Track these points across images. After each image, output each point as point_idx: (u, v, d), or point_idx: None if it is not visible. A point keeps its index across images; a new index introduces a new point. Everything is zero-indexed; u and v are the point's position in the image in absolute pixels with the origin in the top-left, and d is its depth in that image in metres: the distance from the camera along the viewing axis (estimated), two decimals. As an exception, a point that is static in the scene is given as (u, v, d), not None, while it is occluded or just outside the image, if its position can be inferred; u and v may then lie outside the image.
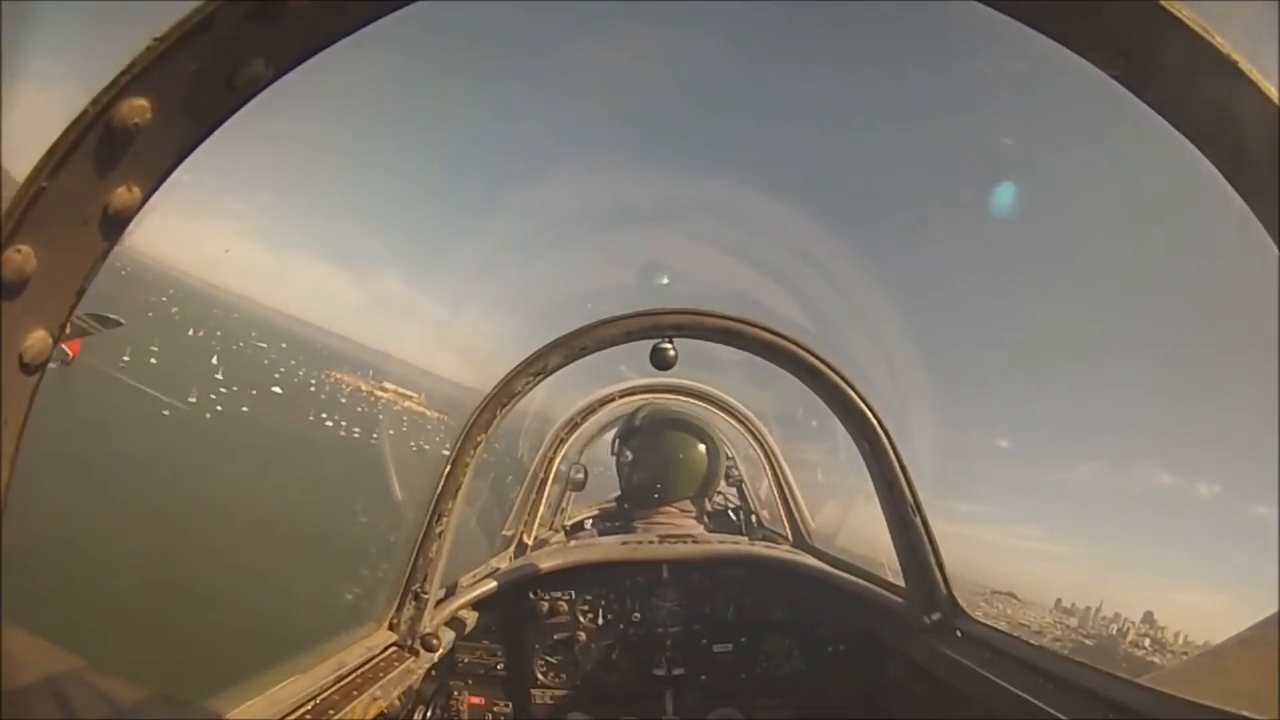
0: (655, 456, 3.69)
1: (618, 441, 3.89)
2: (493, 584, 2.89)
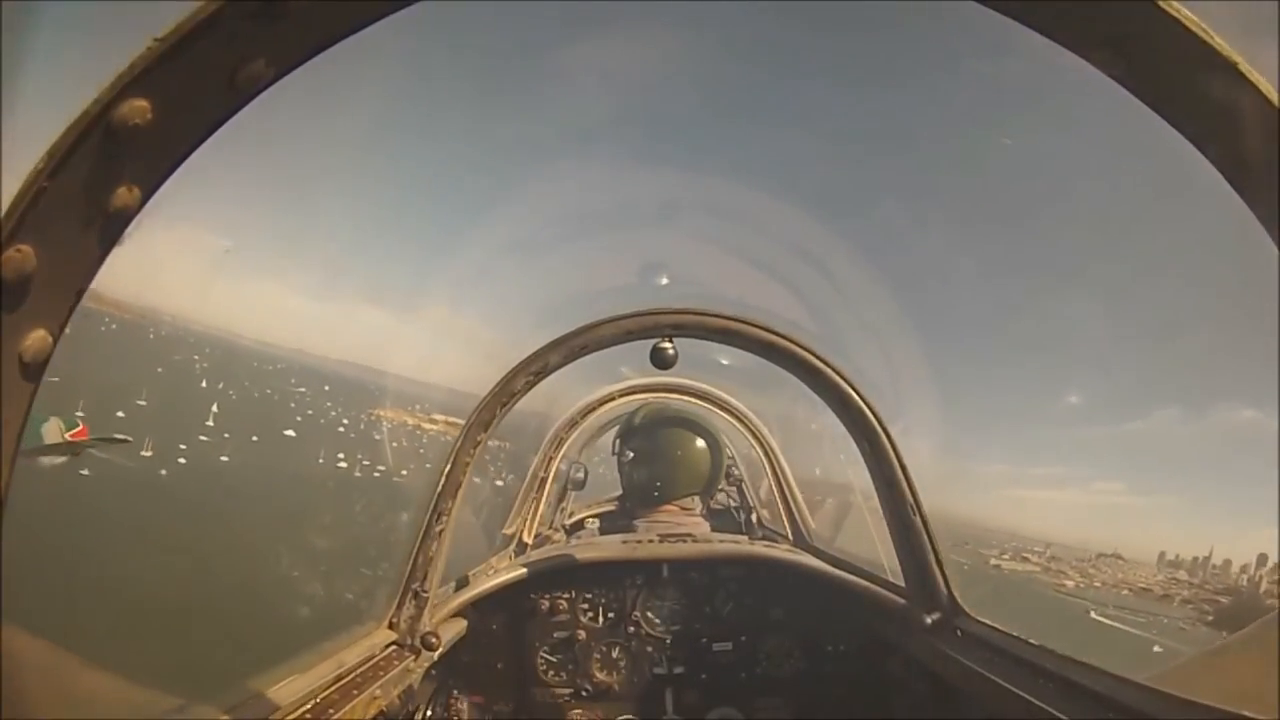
0: (655, 455, 3.69)
1: (618, 441, 3.89)
2: (493, 583, 2.89)
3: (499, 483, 4.82)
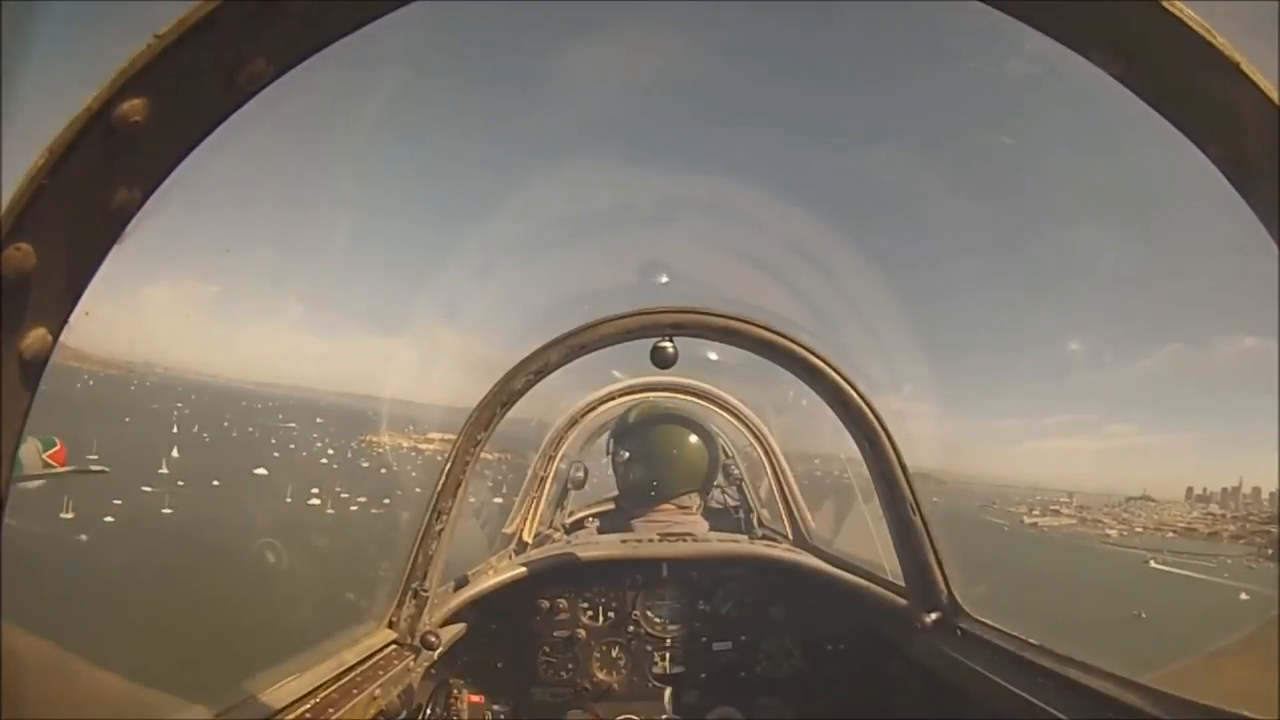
0: (650, 454, 3.68)
1: (612, 441, 3.88)
2: (493, 582, 2.89)
3: (499, 482, 4.80)
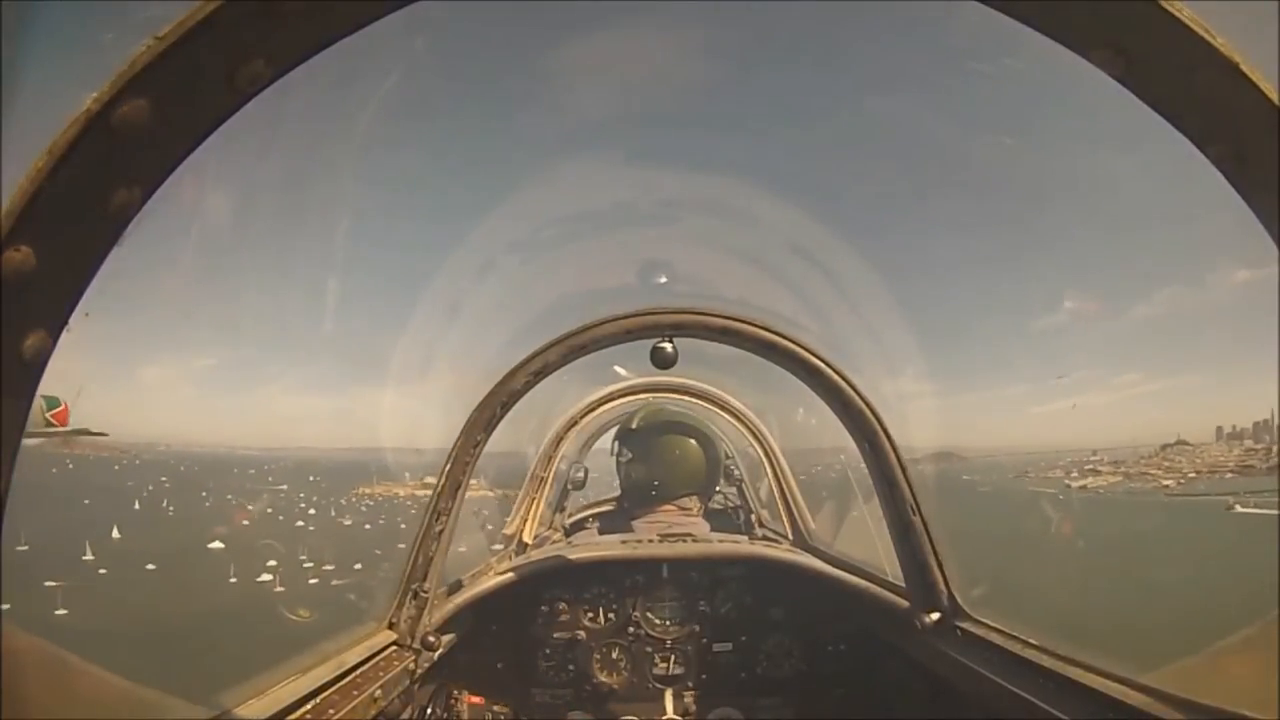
0: (654, 456, 3.70)
1: (617, 442, 3.90)
2: (493, 583, 2.89)
3: (499, 483, 4.78)
